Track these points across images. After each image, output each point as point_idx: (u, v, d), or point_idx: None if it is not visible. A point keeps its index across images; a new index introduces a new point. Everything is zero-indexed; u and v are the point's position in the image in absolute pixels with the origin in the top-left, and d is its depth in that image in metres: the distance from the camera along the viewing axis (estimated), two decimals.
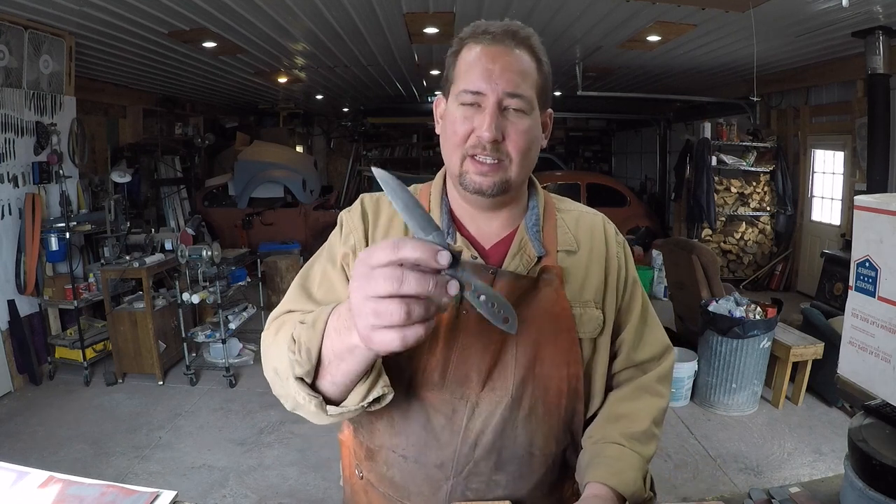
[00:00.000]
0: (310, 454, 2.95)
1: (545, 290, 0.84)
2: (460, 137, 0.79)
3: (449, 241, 0.84)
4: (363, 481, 0.91)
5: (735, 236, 6.30)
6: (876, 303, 1.59)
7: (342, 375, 0.66)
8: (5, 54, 3.55)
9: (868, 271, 1.62)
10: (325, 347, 0.66)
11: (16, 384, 3.71)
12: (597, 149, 12.17)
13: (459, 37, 0.83)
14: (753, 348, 3.26)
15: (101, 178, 4.96)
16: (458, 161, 0.80)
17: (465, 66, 0.79)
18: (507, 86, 0.76)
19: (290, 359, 0.69)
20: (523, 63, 0.79)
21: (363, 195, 0.95)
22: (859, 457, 1.55)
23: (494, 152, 0.78)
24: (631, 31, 4.35)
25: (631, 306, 0.93)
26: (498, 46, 0.78)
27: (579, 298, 0.87)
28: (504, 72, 0.77)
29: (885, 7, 3.54)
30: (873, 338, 1.61)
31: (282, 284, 5.54)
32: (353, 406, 0.69)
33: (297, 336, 0.69)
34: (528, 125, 0.79)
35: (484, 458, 0.83)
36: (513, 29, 0.80)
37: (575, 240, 0.90)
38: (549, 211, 0.92)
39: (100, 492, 0.90)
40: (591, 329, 0.87)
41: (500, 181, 0.80)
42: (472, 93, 0.77)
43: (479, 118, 0.77)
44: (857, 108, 4.94)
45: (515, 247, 0.87)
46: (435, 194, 0.90)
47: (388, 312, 0.51)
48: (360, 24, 4.23)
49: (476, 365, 0.81)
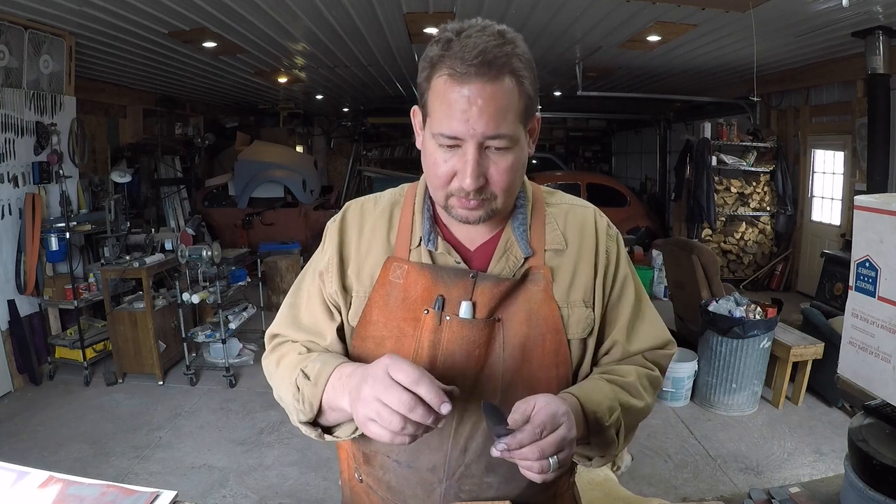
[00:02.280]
0: (310, 454, 2.95)
1: (532, 290, 0.83)
2: (442, 180, 0.76)
3: (430, 248, 0.84)
4: (363, 485, 0.92)
5: (735, 236, 6.30)
6: (876, 303, 1.60)
7: (333, 420, 0.81)
8: (5, 54, 3.55)
9: (868, 271, 1.62)
10: (323, 398, 0.78)
11: (16, 384, 3.71)
12: (597, 149, 12.16)
13: (430, 56, 0.74)
14: (753, 348, 3.26)
15: (101, 178, 4.96)
16: (443, 198, 0.78)
17: (440, 104, 0.72)
18: (486, 129, 0.71)
19: (294, 407, 0.81)
20: (503, 96, 0.71)
21: (349, 202, 0.94)
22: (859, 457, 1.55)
23: (478, 195, 0.75)
24: (631, 31, 4.34)
25: (621, 302, 0.89)
26: (473, 84, 0.69)
27: (568, 298, 0.84)
28: (482, 114, 0.70)
29: (885, 7, 3.54)
30: (873, 338, 1.61)
31: (282, 284, 5.54)
32: (345, 436, 0.83)
33: (301, 387, 0.79)
34: (511, 162, 0.75)
35: (475, 462, 0.83)
36: (488, 59, 0.69)
37: (563, 237, 0.87)
38: (538, 207, 0.89)
39: (100, 492, 0.90)
40: (581, 329, 0.85)
41: (486, 213, 0.78)
42: (448, 137, 0.72)
43: (459, 162, 0.73)
44: (857, 108, 4.94)
45: (501, 248, 0.84)
46: (419, 199, 0.88)
47: (389, 420, 0.65)
48: (360, 24, 4.23)
49: (461, 370, 0.80)
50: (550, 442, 0.67)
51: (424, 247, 0.84)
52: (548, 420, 0.67)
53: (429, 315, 0.81)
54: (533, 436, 0.66)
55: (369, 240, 0.87)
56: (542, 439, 0.66)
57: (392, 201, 0.91)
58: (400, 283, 0.83)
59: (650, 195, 9.28)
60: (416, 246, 0.85)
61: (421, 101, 0.78)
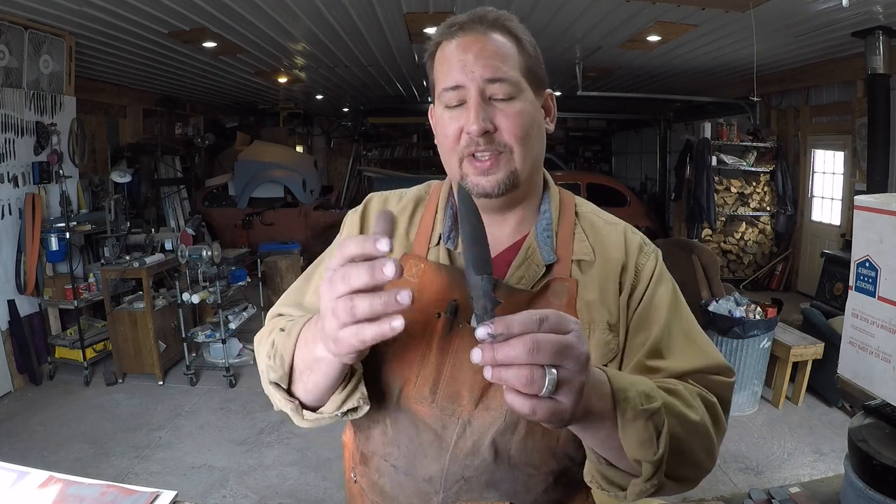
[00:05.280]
0: (310, 454, 2.95)
1: (554, 304, 0.75)
2: (451, 140, 0.74)
3: (449, 246, 0.80)
4: (357, 486, 0.90)
5: (735, 236, 6.30)
6: (876, 303, 1.60)
7: (312, 385, 0.69)
8: (5, 54, 3.55)
9: (868, 271, 1.62)
10: (296, 357, 0.69)
11: (16, 384, 3.71)
12: (597, 149, 12.17)
13: (432, 38, 0.78)
14: (753, 348, 3.26)
15: (102, 178, 4.96)
16: (457, 165, 0.75)
17: (441, 65, 0.75)
18: (484, 72, 0.71)
19: (266, 365, 0.72)
20: (499, 45, 0.73)
21: (372, 194, 0.91)
22: (859, 457, 1.55)
23: (489, 144, 0.72)
24: (631, 31, 4.34)
25: (651, 318, 0.78)
26: (468, 35, 0.73)
27: (591, 318, 0.77)
28: (479, 58, 0.71)
29: (885, 7, 3.54)
30: (873, 338, 1.61)
31: (282, 284, 5.54)
32: (328, 413, 0.73)
33: (276, 342, 0.72)
34: (518, 108, 0.73)
35: (475, 477, 0.78)
36: (480, 13, 0.74)
37: (592, 248, 0.80)
38: (567, 212, 0.83)
39: (100, 492, 0.90)
40: (601, 355, 0.76)
41: (505, 177, 0.74)
42: (451, 89, 0.73)
43: (465, 115, 0.73)
44: (857, 109, 4.94)
45: (522, 255, 0.79)
46: (443, 196, 0.85)
47: (342, 307, 0.51)
48: (360, 24, 4.23)
49: (468, 382, 0.75)
50: (549, 340, 0.49)
51: (443, 245, 0.81)
52: (552, 315, 0.51)
53: (440, 320, 0.76)
54: (528, 324, 0.49)
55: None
56: (540, 333, 0.49)
57: (417, 197, 0.88)
58: (414, 281, 0.79)
59: (650, 195, 9.28)
60: (436, 244, 0.82)
61: (430, 81, 0.79)
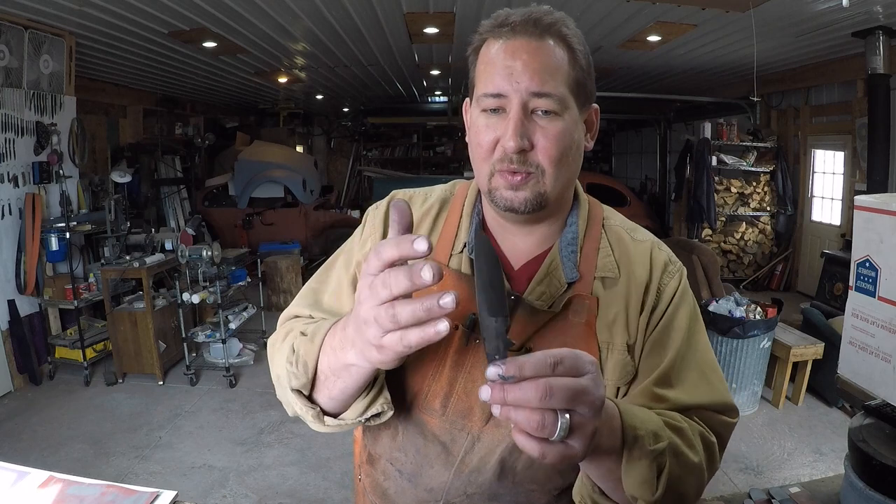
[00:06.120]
0: (310, 454, 2.95)
1: (573, 322, 0.73)
2: (485, 150, 0.70)
3: (473, 256, 0.75)
4: (361, 484, 0.91)
5: (735, 236, 6.30)
6: (876, 303, 1.60)
7: (338, 392, 0.67)
8: (5, 54, 3.55)
9: (868, 271, 1.63)
10: (321, 363, 0.66)
11: (16, 384, 3.71)
12: (597, 149, 12.16)
13: (478, 31, 0.73)
14: (753, 348, 3.26)
15: (102, 178, 4.95)
16: (487, 176, 0.71)
17: (484, 66, 0.70)
18: (531, 84, 0.66)
19: (287, 370, 0.69)
20: (551, 55, 0.68)
21: (395, 192, 0.88)
22: (859, 457, 1.55)
23: (522, 164, 0.68)
24: (631, 32, 4.34)
25: (665, 342, 0.75)
26: (519, 39, 0.68)
27: (610, 338, 0.74)
28: (527, 68, 0.66)
29: (885, 7, 3.54)
30: (873, 338, 1.61)
31: (282, 284, 5.54)
32: (351, 420, 0.70)
33: (297, 347, 0.69)
34: (560, 129, 0.68)
35: (478, 493, 0.77)
36: (535, 16, 0.68)
37: (617, 265, 0.77)
38: (594, 225, 0.80)
39: (100, 492, 0.90)
40: (617, 377, 0.74)
41: (533, 196, 0.70)
42: (492, 96, 0.68)
43: (502, 125, 0.68)
44: (857, 109, 4.94)
45: (543, 271, 0.76)
46: (469, 202, 0.82)
47: (385, 317, 0.50)
48: (360, 24, 4.23)
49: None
50: (564, 385, 0.46)
51: (467, 254, 0.78)
52: (568, 357, 0.48)
53: (457, 332, 0.74)
54: (542, 366, 0.47)
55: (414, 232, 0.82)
56: (554, 376, 0.47)
57: (442, 199, 0.85)
58: (434, 289, 0.78)
59: (650, 195, 9.27)
60: (459, 252, 0.79)
61: (470, 77, 0.75)
